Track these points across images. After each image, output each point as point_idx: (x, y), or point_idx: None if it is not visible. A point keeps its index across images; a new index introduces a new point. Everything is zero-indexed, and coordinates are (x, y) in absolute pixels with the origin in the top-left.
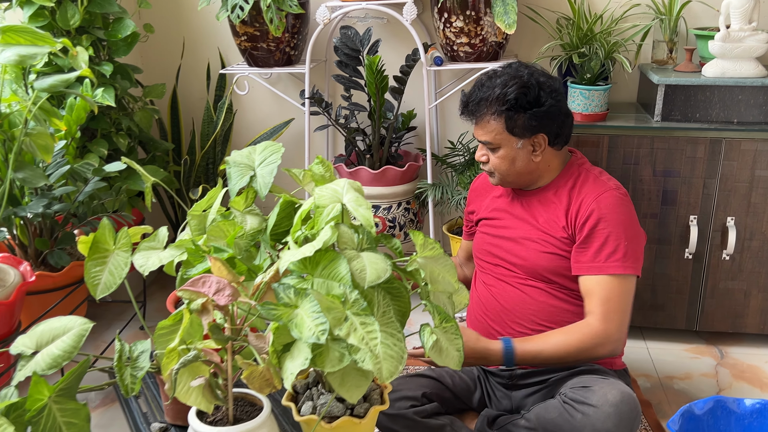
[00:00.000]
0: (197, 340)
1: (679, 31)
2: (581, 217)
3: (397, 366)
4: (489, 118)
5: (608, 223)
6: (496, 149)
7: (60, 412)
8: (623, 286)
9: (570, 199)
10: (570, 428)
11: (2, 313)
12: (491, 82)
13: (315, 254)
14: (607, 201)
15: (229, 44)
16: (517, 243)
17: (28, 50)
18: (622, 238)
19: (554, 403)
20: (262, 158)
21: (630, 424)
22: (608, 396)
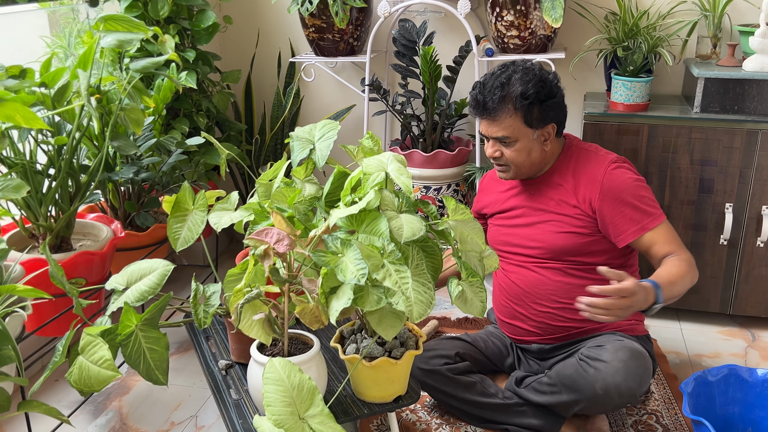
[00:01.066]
0: (259, 284)
1: (723, 27)
2: (595, 196)
3: (425, 309)
4: (508, 114)
5: (623, 193)
6: (513, 143)
7: (144, 339)
8: (668, 228)
9: (576, 179)
10: (584, 382)
11: (96, 262)
12: (501, 79)
13: (360, 213)
14: (611, 177)
15: (299, 35)
16: (533, 228)
17: (125, 36)
18: (639, 198)
19: (572, 360)
20: (321, 134)
21: (638, 379)
22: (618, 353)
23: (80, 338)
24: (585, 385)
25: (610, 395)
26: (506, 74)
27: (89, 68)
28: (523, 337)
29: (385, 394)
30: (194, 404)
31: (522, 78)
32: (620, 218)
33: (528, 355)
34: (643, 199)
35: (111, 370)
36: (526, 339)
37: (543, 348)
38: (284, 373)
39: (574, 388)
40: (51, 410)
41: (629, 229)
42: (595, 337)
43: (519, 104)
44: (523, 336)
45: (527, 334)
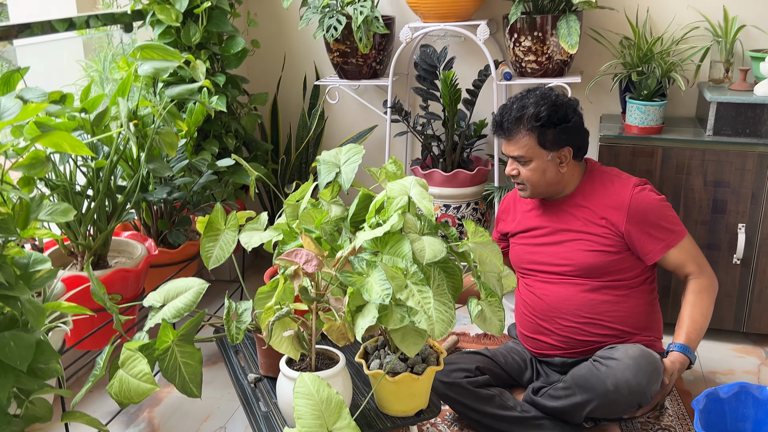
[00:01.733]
0: (288, 301)
1: (735, 52)
2: (622, 218)
3: (447, 327)
4: (523, 134)
5: (649, 214)
6: (528, 162)
7: (180, 354)
8: (691, 244)
9: (601, 201)
10: (596, 380)
11: (132, 279)
12: (521, 102)
13: (384, 235)
14: (637, 199)
15: (323, 59)
16: (561, 246)
17: (161, 64)
18: (664, 218)
19: (586, 363)
20: (347, 158)
21: (647, 375)
22: (629, 351)
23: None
24: (597, 382)
25: (620, 391)
26: (524, 98)
27: (127, 95)
28: (546, 351)
29: (407, 408)
30: (223, 416)
31: (537, 102)
32: (647, 238)
33: (550, 368)
34: (668, 218)
35: (150, 383)
36: (549, 353)
37: (566, 362)
38: (314, 387)
39: (586, 387)
40: (93, 421)
41: (656, 247)
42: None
43: (531, 126)
44: (546, 350)
45: (551, 348)
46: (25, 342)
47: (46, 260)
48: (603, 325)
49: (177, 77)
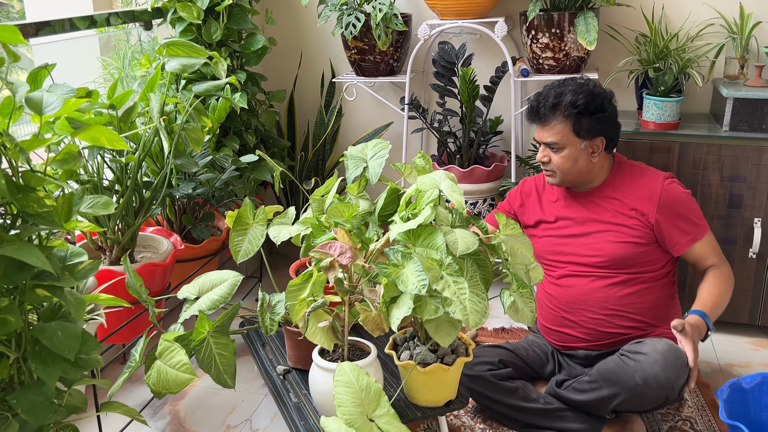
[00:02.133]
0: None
1: (751, 48)
2: (653, 209)
3: (480, 318)
4: (558, 121)
5: (678, 206)
6: (561, 149)
7: (215, 345)
8: (712, 238)
9: (632, 192)
10: (624, 374)
11: (159, 273)
12: (558, 90)
13: (417, 228)
14: (667, 191)
15: (339, 56)
16: (590, 238)
17: (188, 61)
18: (691, 211)
19: (613, 357)
20: (374, 153)
21: (676, 370)
22: (657, 346)
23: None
24: (625, 376)
25: (649, 385)
26: (562, 86)
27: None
28: (570, 344)
29: (437, 399)
30: (248, 408)
31: (575, 90)
32: (675, 229)
33: (573, 361)
34: (695, 212)
35: (189, 373)
36: (573, 345)
37: (590, 354)
38: (353, 376)
39: (614, 381)
40: (130, 411)
41: (683, 239)
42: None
43: (567, 113)
44: (570, 343)
45: (575, 340)
46: (72, 332)
47: (83, 253)
48: (627, 317)
49: (198, 74)
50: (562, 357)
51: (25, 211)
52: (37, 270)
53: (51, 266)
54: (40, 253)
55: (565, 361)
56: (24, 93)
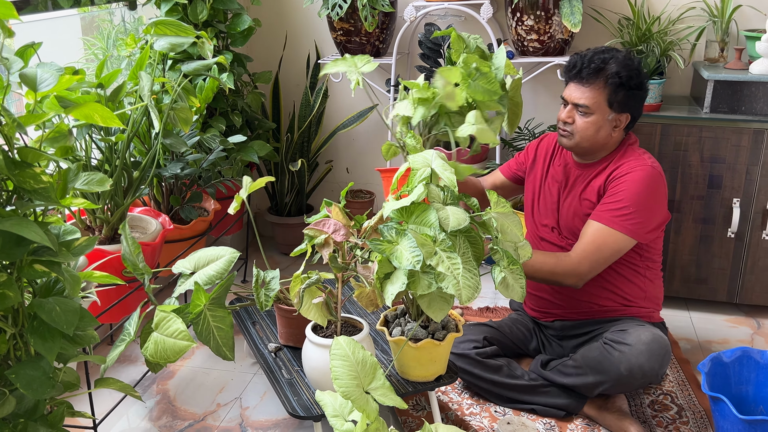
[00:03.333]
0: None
1: (731, 32)
2: (611, 179)
3: (473, 293)
4: (597, 86)
5: (629, 187)
6: (589, 114)
7: (212, 318)
8: (610, 239)
9: (611, 169)
10: (609, 364)
11: (149, 252)
12: (603, 56)
13: (410, 205)
14: (638, 172)
15: (325, 37)
16: (570, 208)
17: (177, 40)
18: (634, 204)
19: (596, 344)
20: None
21: (660, 360)
22: (642, 336)
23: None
24: (610, 366)
25: (634, 375)
26: (609, 53)
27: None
28: (547, 309)
29: (428, 374)
30: (237, 387)
31: (621, 61)
32: (605, 198)
33: (550, 335)
34: (629, 207)
35: (187, 340)
36: (550, 312)
37: (565, 324)
38: (349, 349)
39: (599, 370)
40: (125, 386)
41: (598, 211)
42: (616, 322)
43: (610, 81)
44: (547, 309)
45: (552, 306)
46: (70, 307)
47: (76, 231)
48: (603, 288)
49: (185, 54)
50: (542, 331)
51: (22, 187)
52: (34, 246)
53: (50, 241)
54: (39, 229)
55: (545, 336)
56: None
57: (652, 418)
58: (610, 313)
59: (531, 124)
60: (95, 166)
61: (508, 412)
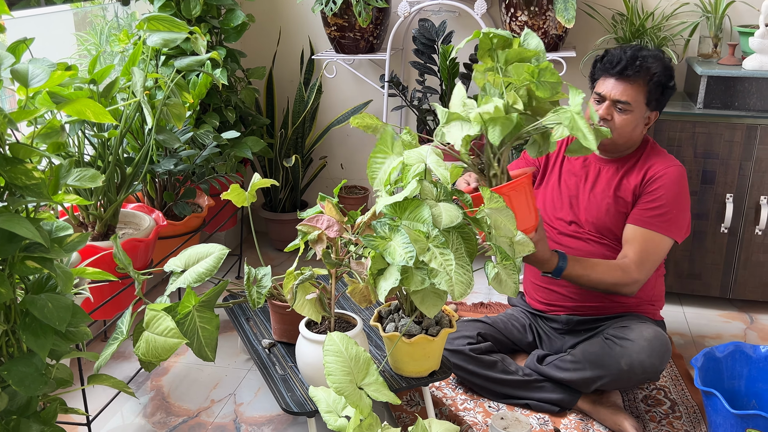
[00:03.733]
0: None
1: (724, 28)
2: (647, 181)
3: (465, 289)
4: (639, 84)
5: (667, 190)
6: (628, 112)
7: (199, 319)
8: (660, 244)
9: (642, 168)
10: (609, 359)
11: (142, 248)
12: (642, 53)
13: (403, 201)
14: (672, 173)
15: (318, 33)
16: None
17: (169, 36)
18: (672, 206)
19: (597, 340)
20: None
21: (661, 357)
22: (644, 332)
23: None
24: (611, 361)
25: (634, 371)
26: (647, 51)
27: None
28: (557, 302)
29: (421, 369)
30: (231, 383)
31: (662, 61)
32: (644, 201)
33: (553, 328)
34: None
35: (177, 337)
36: (559, 305)
37: (571, 319)
38: (343, 345)
39: (599, 364)
40: (118, 383)
41: (636, 213)
42: (619, 318)
43: (654, 80)
44: (557, 302)
45: (562, 299)
46: (62, 303)
47: (68, 227)
48: None
49: (178, 50)
50: (544, 323)
51: (14, 183)
52: (26, 242)
53: (41, 238)
54: (31, 225)
55: (544, 331)
56: (10, 64)
57: (645, 413)
58: (620, 309)
59: None
60: (88, 162)
61: (501, 407)
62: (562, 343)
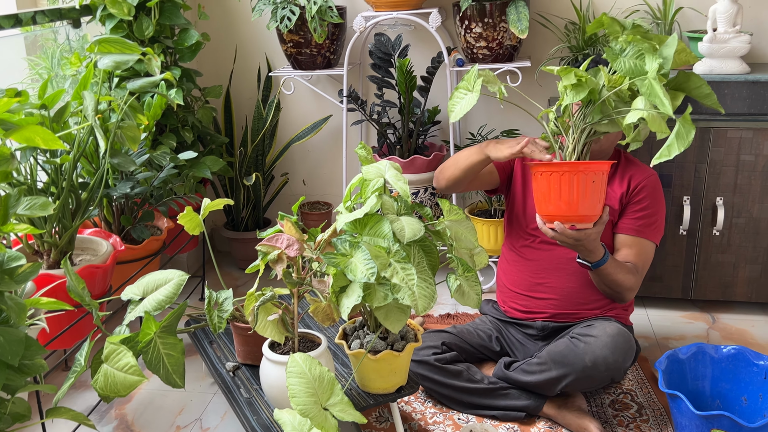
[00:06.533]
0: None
1: (674, 33)
2: (633, 190)
3: (429, 303)
4: None
5: (652, 198)
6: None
7: (162, 345)
8: (650, 252)
9: (624, 176)
10: (574, 356)
11: (100, 275)
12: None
13: (364, 217)
14: (653, 180)
15: (276, 50)
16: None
17: (121, 58)
18: (658, 213)
19: (563, 340)
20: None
21: (624, 353)
22: (607, 329)
23: (102, 348)
24: (575, 358)
25: (597, 367)
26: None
27: (89, 89)
28: (537, 309)
29: (389, 385)
30: (197, 408)
31: None
32: (634, 211)
33: (528, 334)
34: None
35: (137, 375)
36: (539, 312)
37: (547, 326)
38: (306, 366)
39: (564, 363)
40: (78, 416)
41: (628, 223)
42: (587, 321)
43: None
44: (538, 309)
45: (544, 306)
46: (15, 336)
47: (20, 257)
48: (595, 289)
49: (131, 72)
50: (517, 330)
51: None
52: None
53: None
54: None
55: (517, 339)
56: None
57: (613, 418)
58: (596, 314)
59: (484, 131)
60: (41, 189)
61: (471, 420)
62: (535, 349)
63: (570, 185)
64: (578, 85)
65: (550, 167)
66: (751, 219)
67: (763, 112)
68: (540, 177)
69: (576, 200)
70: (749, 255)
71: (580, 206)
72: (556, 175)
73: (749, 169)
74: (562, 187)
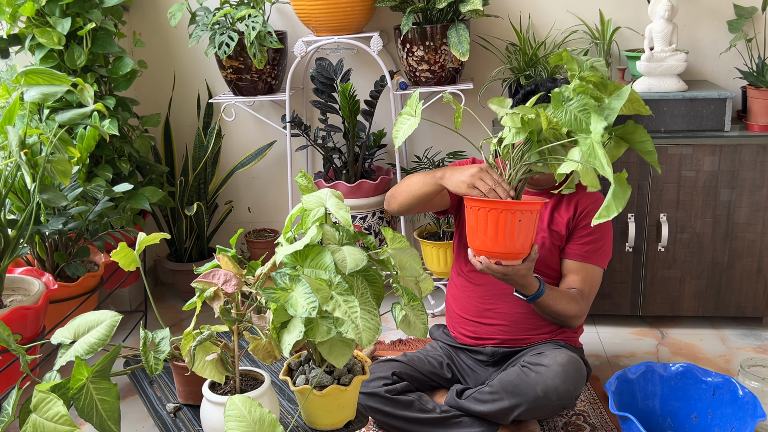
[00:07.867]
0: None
1: (613, 53)
2: (579, 214)
3: (373, 335)
4: None
5: (599, 224)
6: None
7: (95, 391)
8: (598, 277)
9: (571, 201)
10: (525, 386)
11: (31, 316)
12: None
13: (304, 248)
14: (599, 205)
15: (215, 76)
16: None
17: (49, 89)
18: (605, 238)
19: (514, 368)
20: None
21: (575, 381)
22: (557, 358)
23: (27, 395)
24: (526, 388)
25: (549, 397)
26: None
27: (14, 123)
28: (487, 335)
29: (336, 421)
30: None
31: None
32: (581, 236)
33: (478, 360)
34: (605, 242)
35: (68, 425)
36: (488, 338)
37: (497, 351)
38: (245, 408)
39: (516, 393)
40: None
41: (575, 249)
42: (537, 346)
43: None
44: (487, 335)
45: (493, 332)
46: None
47: None
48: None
49: (63, 102)
50: (467, 356)
51: None
52: None
53: None
54: None
55: (467, 365)
56: None
57: None
58: (546, 338)
59: (429, 153)
60: None
61: None
62: (486, 375)
63: (496, 222)
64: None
65: (479, 202)
66: (694, 234)
67: (701, 129)
68: (470, 210)
69: (501, 237)
70: (694, 270)
71: (506, 243)
72: (483, 211)
73: (690, 184)
74: (488, 223)
